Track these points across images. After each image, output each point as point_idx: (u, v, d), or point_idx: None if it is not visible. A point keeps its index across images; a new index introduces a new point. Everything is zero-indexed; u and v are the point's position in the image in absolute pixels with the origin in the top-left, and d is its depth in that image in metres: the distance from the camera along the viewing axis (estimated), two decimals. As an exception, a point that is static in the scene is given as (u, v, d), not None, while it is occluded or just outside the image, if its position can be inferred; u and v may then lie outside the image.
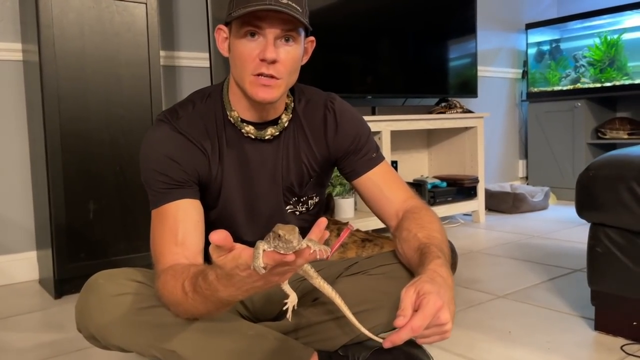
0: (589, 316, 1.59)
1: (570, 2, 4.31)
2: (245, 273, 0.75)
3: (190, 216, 1.03)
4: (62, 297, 1.97)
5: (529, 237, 2.78)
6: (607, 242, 1.44)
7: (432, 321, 0.85)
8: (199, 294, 0.85)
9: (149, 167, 1.06)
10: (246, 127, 1.10)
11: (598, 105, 3.86)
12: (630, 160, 1.42)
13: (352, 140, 1.17)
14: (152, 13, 2.10)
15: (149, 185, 1.06)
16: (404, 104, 3.24)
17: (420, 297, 0.86)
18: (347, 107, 1.20)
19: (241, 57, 1.01)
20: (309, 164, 1.17)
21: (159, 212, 1.04)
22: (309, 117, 1.16)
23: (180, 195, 1.04)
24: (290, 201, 1.19)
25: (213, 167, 1.09)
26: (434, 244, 1.02)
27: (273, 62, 0.99)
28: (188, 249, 1.00)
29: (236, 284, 0.78)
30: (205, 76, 2.54)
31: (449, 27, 3.30)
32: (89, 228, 2.01)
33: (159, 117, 1.10)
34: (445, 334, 0.88)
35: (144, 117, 2.10)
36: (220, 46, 1.08)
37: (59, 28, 1.92)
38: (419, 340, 0.88)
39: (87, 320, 0.98)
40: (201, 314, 0.93)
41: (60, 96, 1.93)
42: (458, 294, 1.90)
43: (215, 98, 1.12)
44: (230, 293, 0.81)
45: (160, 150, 1.05)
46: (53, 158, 1.93)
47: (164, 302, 0.94)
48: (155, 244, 1.02)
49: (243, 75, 1.02)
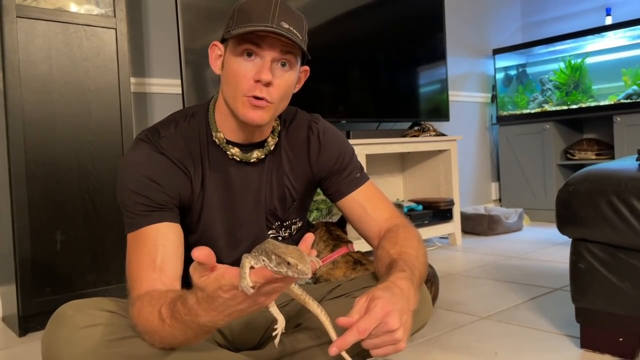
0: (574, 334, 1.57)
1: (534, 28, 4.44)
2: (228, 294, 0.71)
3: (170, 241, 0.98)
4: (27, 335, 1.87)
5: (507, 258, 2.78)
6: (590, 258, 1.43)
7: (381, 326, 0.83)
8: (177, 320, 0.80)
9: (126, 188, 1.00)
10: (232, 149, 1.07)
11: (566, 127, 3.95)
12: (609, 174, 1.42)
13: (336, 160, 1.16)
14: (121, 38, 2.06)
15: (126, 206, 1.00)
16: (378, 128, 3.25)
17: (370, 302, 0.86)
18: (331, 127, 1.19)
19: (236, 75, 0.98)
20: (292, 187, 1.15)
21: (136, 235, 0.98)
22: (292, 138, 1.14)
23: (160, 218, 0.99)
24: (273, 226, 1.15)
25: (195, 189, 1.05)
26: (402, 259, 1.00)
27: (267, 84, 0.97)
28: (166, 274, 0.95)
29: (218, 307, 0.74)
30: (177, 103, 2.50)
31: (419, 54, 3.35)
32: (56, 260, 1.92)
33: (139, 136, 1.05)
34: (398, 344, 0.86)
35: (114, 143, 2.04)
36: (212, 63, 1.05)
37: (24, 53, 1.86)
38: (373, 352, 0.86)
39: (54, 354, 0.90)
40: (179, 342, 0.87)
41: (25, 121, 1.86)
42: (441, 316, 1.87)
43: (200, 118, 1.08)
44: (211, 318, 0.76)
45: (140, 171, 1.00)
46: (17, 186, 1.84)
47: (139, 331, 0.88)
48: (131, 268, 0.96)
49: (235, 94, 0.99)
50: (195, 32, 2.32)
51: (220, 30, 1.04)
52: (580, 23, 4.09)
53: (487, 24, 4.27)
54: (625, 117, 3.53)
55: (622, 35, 3.70)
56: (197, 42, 2.33)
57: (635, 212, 1.33)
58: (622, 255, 1.38)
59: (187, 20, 2.29)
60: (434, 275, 1.90)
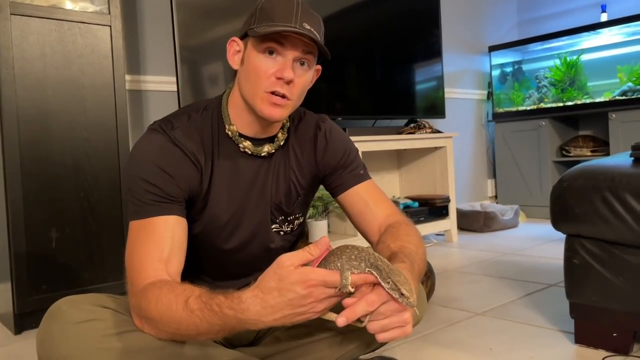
0: (568, 330, 1.58)
1: (530, 25, 4.45)
2: (306, 291, 0.77)
3: (178, 235, 0.99)
4: (23, 333, 1.86)
5: (503, 255, 2.79)
6: (584, 254, 1.44)
7: (389, 305, 0.83)
8: (214, 312, 0.82)
9: (137, 176, 1.00)
10: (244, 142, 1.08)
11: (561, 124, 3.96)
12: (602, 170, 1.43)
13: (341, 156, 1.19)
14: (116, 36, 2.06)
15: (134, 194, 1.00)
16: (374, 126, 3.25)
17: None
18: (337, 127, 1.23)
19: (257, 72, 1.00)
20: (297, 182, 1.16)
21: (143, 223, 0.98)
22: (301, 135, 1.17)
23: (170, 211, 0.99)
24: (277, 220, 1.17)
25: (204, 180, 1.06)
26: (403, 252, 1.01)
27: (289, 82, 1.00)
28: (172, 267, 0.95)
29: (279, 303, 0.79)
30: (172, 100, 2.49)
31: (415, 51, 3.35)
32: (51, 258, 1.91)
33: (151, 126, 1.06)
34: (406, 327, 0.85)
35: (109, 141, 2.04)
36: (230, 58, 1.07)
37: (18, 50, 1.85)
38: (379, 336, 0.85)
39: (49, 350, 0.90)
40: (196, 334, 0.87)
41: (20, 119, 1.85)
42: (436, 312, 1.87)
43: (212, 111, 1.10)
44: (258, 315, 0.80)
45: (152, 160, 1.00)
46: (12, 183, 1.83)
47: (150, 317, 0.88)
48: (135, 256, 0.96)
49: (255, 90, 1.01)
50: (190, 30, 2.32)
51: (215, 27, 1.05)
52: (576, 20, 4.10)
53: (483, 20, 4.27)
54: (621, 113, 3.54)
55: (617, 32, 3.70)
56: (193, 39, 2.33)
57: (629, 208, 1.33)
58: (616, 251, 1.39)
59: (183, 17, 2.28)
60: (430, 270, 1.91)
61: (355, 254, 0.82)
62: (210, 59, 2.42)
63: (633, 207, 1.33)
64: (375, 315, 0.83)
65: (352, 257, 0.81)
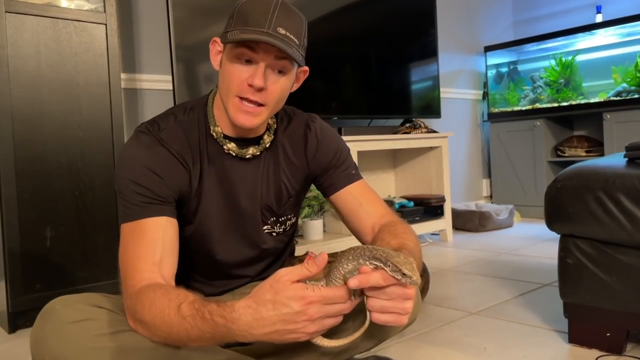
0: (562, 329, 1.59)
1: (526, 25, 4.46)
2: (301, 307, 0.77)
3: (170, 236, 0.99)
4: (17, 332, 1.86)
5: (497, 254, 2.80)
6: (578, 254, 1.45)
7: (398, 289, 0.82)
8: (205, 320, 0.81)
9: (126, 178, 1.00)
10: (228, 144, 1.08)
11: (556, 124, 3.97)
12: (596, 171, 1.43)
13: (333, 156, 1.18)
14: (112, 34, 2.05)
15: (124, 196, 1.00)
16: (370, 125, 3.25)
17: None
18: (327, 126, 1.22)
19: (230, 77, 1.00)
20: (288, 183, 1.16)
21: (134, 225, 0.98)
22: (290, 135, 1.16)
23: (160, 212, 0.99)
24: (268, 221, 1.16)
25: (194, 181, 1.06)
26: (405, 248, 1.01)
27: (260, 89, 0.98)
28: (165, 269, 0.95)
29: (271, 317, 0.78)
30: (167, 99, 2.49)
31: (411, 51, 3.35)
32: (46, 256, 1.91)
33: (138, 128, 1.06)
34: (404, 316, 0.84)
35: (104, 139, 2.03)
36: (212, 58, 1.06)
37: (13, 48, 1.85)
38: (375, 316, 0.84)
39: (43, 349, 0.90)
40: (188, 341, 0.86)
41: (14, 117, 1.84)
42: (431, 312, 1.88)
43: (199, 111, 1.10)
44: (248, 327, 0.79)
45: (141, 162, 1.00)
46: (6, 182, 1.83)
47: (144, 320, 0.88)
48: (128, 258, 0.96)
49: (228, 94, 1.01)
50: (186, 28, 2.31)
51: (211, 26, 1.05)
52: (571, 20, 4.11)
53: (479, 21, 4.28)
54: (615, 114, 3.55)
55: (612, 33, 3.72)
56: (188, 38, 2.32)
57: (622, 208, 1.34)
58: (610, 251, 1.39)
59: (178, 15, 2.28)
60: (424, 269, 1.91)
61: (350, 257, 0.82)
62: (205, 58, 2.39)
63: (626, 207, 1.34)
64: (379, 293, 0.82)
65: (349, 258, 0.82)
